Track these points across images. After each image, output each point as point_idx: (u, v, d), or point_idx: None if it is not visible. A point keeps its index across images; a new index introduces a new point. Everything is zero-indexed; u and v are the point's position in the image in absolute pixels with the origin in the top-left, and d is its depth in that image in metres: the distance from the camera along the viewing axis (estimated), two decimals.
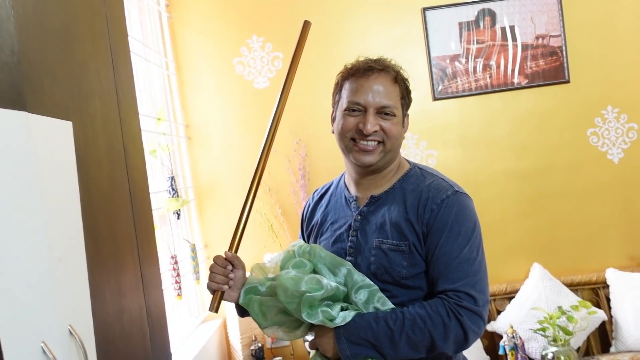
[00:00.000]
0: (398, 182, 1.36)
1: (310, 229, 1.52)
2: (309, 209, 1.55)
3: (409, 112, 1.39)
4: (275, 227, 2.87)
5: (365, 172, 1.36)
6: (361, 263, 1.32)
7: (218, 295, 1.37)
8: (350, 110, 1.32)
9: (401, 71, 1.35)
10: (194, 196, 2.89)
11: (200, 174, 2.91)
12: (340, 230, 1.40)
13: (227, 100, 2.91)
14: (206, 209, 2.91)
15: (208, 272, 2.89)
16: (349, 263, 1.30)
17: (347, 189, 1.43)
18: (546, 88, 2.91)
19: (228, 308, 2.79)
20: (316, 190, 1.59)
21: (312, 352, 1.34)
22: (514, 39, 2.88)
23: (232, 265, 1.41)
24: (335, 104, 1.41)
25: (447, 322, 1.20)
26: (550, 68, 2.88)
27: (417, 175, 1.37)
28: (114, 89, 1.49)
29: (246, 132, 2.91)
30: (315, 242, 1.48)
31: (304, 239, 1.56)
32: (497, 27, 2.88)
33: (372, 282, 1.27)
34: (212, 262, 1.41)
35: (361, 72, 1.33)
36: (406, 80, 1.35)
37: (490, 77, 2.89)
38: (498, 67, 2.88)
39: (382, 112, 1.29)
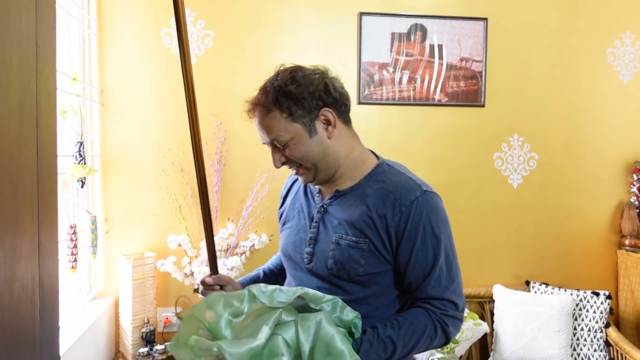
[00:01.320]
0: (364, 179, 1.36)
1: (281, 213, 1.57)
2: (283, 194, 1.60)
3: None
4: (183, 209, 2.78)
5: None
6: (319, 255, 1.34)
7: None
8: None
9: (277, 86, 1.30)
10: (100, 166, 2.72)
11: (109, 143, 2.75)
12: (304, 220, 1.43)
13: (148, 72, 2.78)
14: (111, 181, 2.76)
15: (106, 246, 2.76)
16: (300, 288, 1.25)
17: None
18: (463, 108, 3.05)
19: (122, 286, 2.66)
20: (290, 176, 1.61)
21: None
22: (441, 57, 3.00)
23: (220, 287, 1.45)
24: None
25: (434, 335, 1.26)
26: (469, 90, 3.03)
27: (385, 172, 1.37)
28: (34, 37, 1.37)
29: (165, 108, 2.79)
30: (282, 227, 1.53)
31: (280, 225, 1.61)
32: (427, 44, 2.98)
33: (332, 296, 1.24)
34: (201, 289, 1.47)
35: (251, 111, 1.37)
36: (285, 94, 1.29)
37: (414, 90, 2.98)
38: (422, 81, 2.99)
39: (276, 144, 1.33)
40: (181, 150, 2.79)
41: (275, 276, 1.65)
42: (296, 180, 1.56)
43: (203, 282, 1.45)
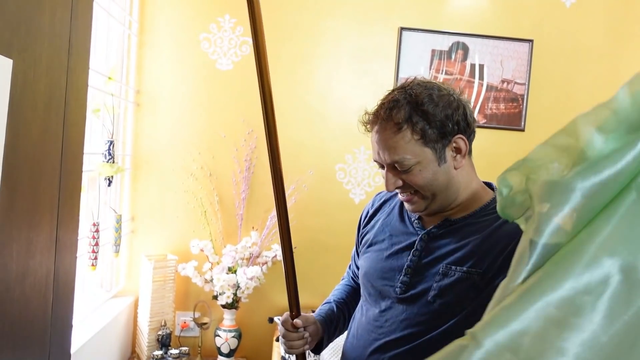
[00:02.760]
0: (480, 210, 1.22)
1: (364, 234, 1.42)
2: (369, 213, 1.45)
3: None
4: (208, 214, 2.77)
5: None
6: (418, 286, 1.20)
7: (301, 357, 1.38)
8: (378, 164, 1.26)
9: (412, 102, 1.17)
10: (130, 165, 2.74)
11: (141, 143, 2.77)
12: (398, 245, 1.28)
13: (185, 75, 2.79)
14: (140, 180, 2.78)
15: (129, 245, 2.77)
16: None
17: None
18: (501, 132, 2.96)
19: (142, 287, 2.66)
20: (379, 194, 1.48)
21: None
22: (481, 77, 2.92)
23: (304, 328, 1.35)
24: None
25: None
26: (509, 113, 2.94)
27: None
28: (67, 35, 1.37)
29: (199, 111, 2.80)
30: (366, 249, 1.38)
31: (357, 246, 1.50)
32: (468, 63, 2.91)
33: None
34: (284, 331, 1.35)
35: (370, 124, 1.24)
36: (423, 111, 1.16)
37: None
38: None
39: (396, 167, 1.18)
40: (211, 155, 2.78)
41: (347, 307, 1.51)
42: (387, 200, 1.42)
43: (286, 323, 1.32)
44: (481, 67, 2.92)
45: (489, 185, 1.34)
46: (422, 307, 1.18)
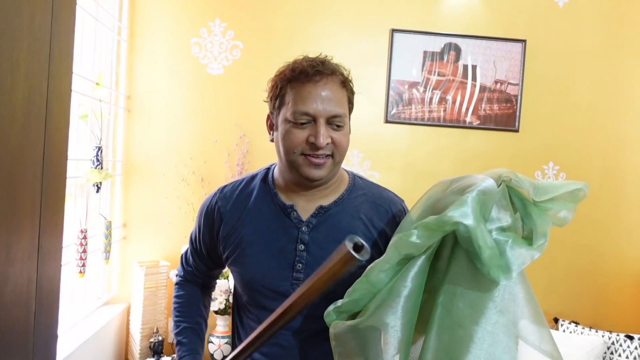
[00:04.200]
0: (346, 193, 1.25)
1: (226, 236, 1.26)
2: (220, 215, 1.28)
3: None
4: None
5: (311, 185, 1.21)
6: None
7: None
8: (297, 122, 1.15)
9: (345, 73, 1.21)
10: (121, 171, 2.72)
11: (132, 149, 2.75)
12: (279, 242, 1.21)
13: (176, 80, 2.78)
14: (132, 186, 2.75)
15: (121, 252, 2.74)
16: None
17: (278, 196, 1.25)
18: (495, 133, 2.94)
19: (134, 294, 2.64)
20: (224, 189, 1.32)
21: None
22: (474, 78, 2.90)
23: None
24: (275, 109, 1.22)
25: None
26: (503, 114, 2.92)
27: (361, 184, 1.28)
28: (48, 40, 1.35)
29: (190, 117, 2.78)
30: (239, 254, 1.24)
31: (202, 250, 1.33)
32: (460, 64, 2.89)
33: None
34: None
35: (308, 76, 1.16)
36: (351, 81, 1.22)
37: (445, 111, 2.89)
38: (454, 102, 2.89)
39: (333, 122, 1.15)
40: (203, 160, 2.76)
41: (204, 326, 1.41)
42: (239, 196, 1.28)
43: None
44: (474, 68, 2.90)
45: None
46: (322, 301, 1.12)
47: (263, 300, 1.22)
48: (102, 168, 2.25)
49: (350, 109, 1.24)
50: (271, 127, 1.25)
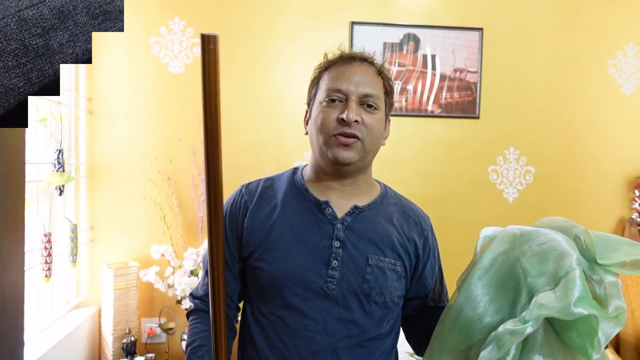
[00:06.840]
0: (379, 198, 1.26)
1: (251, 230, 1.21)
2: (247, 208, 1.24)
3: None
4: (168, 219, 2.74)
5: (341, 173, 1.19)
6: (351, 279, 1.15)
7: None
8: (329, 100, 1.16)
9: (383, 68, 1.23)
10: (85, 174, 2.71)
11: (96, 151, 2.74)
12: (312, 237, 1.17)
13: (137, 80, 2.77)
14: (97, 188, 2.74)
15: (90, 255, 2.73)
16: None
17: (309, 192, 1.23)
18: (457, 120, 2.99)
19: (104, 294, 2.63)
20: (248, 186, 1.29)
21: None
22: (434, 68, 2.94)
23: None
24: (312, 99, 1.24)
25: None
26: (463, 102, 2.97)
27: (393, 195, 1.32)
28: None
29: (153, 116, 2.77)
30: (267, 248, 1.18)
31: (230, 248, 1.23)
32: (420, 54, 2.93)
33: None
34: None
35: (343, 60, 1.20)
36: (390, 79, 1.23)
37: (406, 100, 2.93)
38: (415, 92, 2.94)
39: (365, 102, 1.15)
40: (168, 159, 2.76)
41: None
42: (265, 193, 1.26)
43: None
44: (433, 57, 2.94)
45: None
46: (354, 301, 1.16)
47: (292, 298, 1.15)
48: (63, 171, 2.24)
49: (388, 104, 1.23)
50: (307, 120, 1.27)
